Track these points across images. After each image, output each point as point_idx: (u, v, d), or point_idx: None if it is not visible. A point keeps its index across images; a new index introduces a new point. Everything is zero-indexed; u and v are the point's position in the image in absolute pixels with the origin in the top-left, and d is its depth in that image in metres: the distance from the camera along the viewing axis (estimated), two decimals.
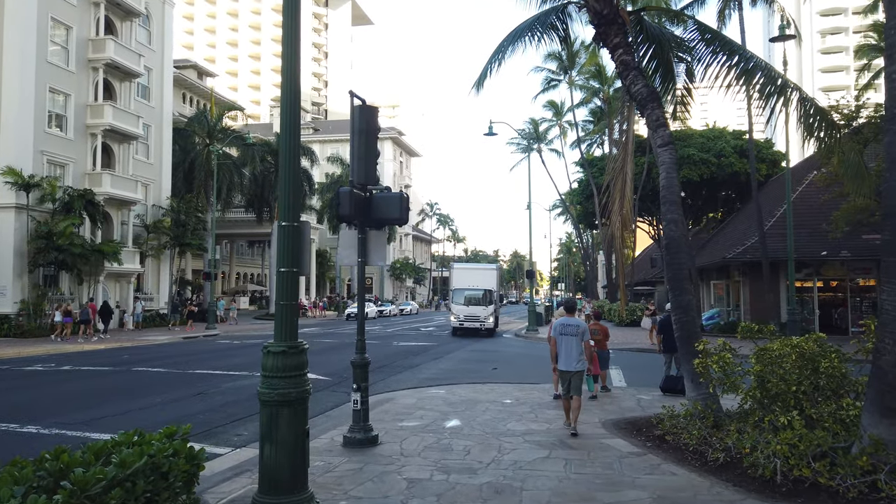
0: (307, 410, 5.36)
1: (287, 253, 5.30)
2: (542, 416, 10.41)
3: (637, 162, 45.50)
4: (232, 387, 13.81)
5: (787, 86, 9.20)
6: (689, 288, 9.30)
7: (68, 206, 31.91)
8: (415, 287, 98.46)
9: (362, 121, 8.41)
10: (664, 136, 9.54)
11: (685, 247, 9.43)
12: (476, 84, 14.31)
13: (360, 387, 8.29)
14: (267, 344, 5.34)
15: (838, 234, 25.12)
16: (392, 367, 17.81)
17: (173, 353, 21.89)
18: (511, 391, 13.15)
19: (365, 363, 8.39)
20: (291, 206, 5.37)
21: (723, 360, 7.78)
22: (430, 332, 34.71)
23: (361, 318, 8.61)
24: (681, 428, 8.22)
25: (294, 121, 5.43)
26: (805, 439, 6.48)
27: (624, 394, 12.86)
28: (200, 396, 12.63)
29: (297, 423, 5.19)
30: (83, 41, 34.62)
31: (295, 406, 5.20)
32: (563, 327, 9.32)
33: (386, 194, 8.45)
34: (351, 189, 8.04)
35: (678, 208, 9.44)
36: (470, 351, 23.12)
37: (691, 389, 8.95)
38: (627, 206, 12.87)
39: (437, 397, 12.20)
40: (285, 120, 5.41)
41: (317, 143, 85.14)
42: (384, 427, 9.44)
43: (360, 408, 8.29)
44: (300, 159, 5.62)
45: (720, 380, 7.85)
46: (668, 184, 9.45)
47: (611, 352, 14.26)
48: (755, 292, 29.67)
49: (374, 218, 8.40)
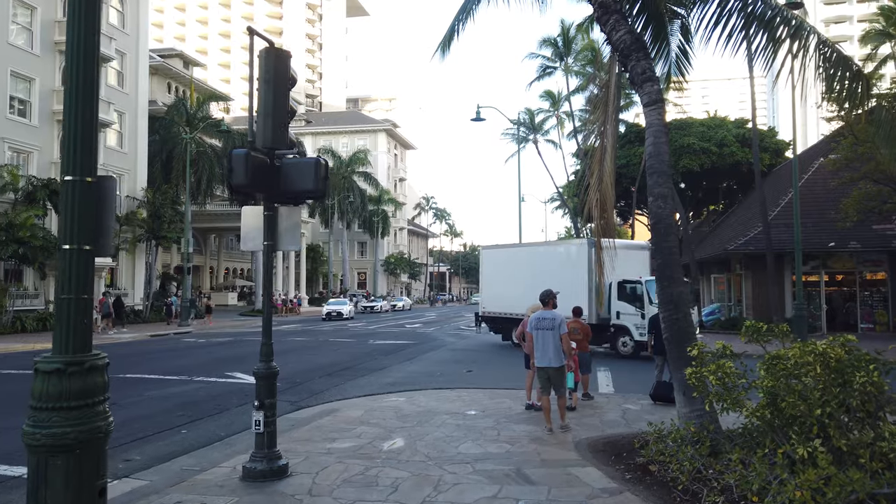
0: (102, 459, 3.62)
1: (73, 222, 3.55)
2: (506, 432, 8.67)
3: (636, 152, 43.75)
4: (157, 395, 12.07)
5: (804, 28, 7.42)
6: (680, 277, 7.54)
7: (31, 197, 30.18)
8: (410, 282, 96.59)
9: (269, 68, 6.65)
10: (651, 92, 7.77)
11: (676, 227, 7.63)
12: (441, 46, 12.54)
13: (262, 404, 6.54)
14: (38, 359, 3.59)
15: (848, 223, 23.34)
16: (355, 369, 16.07)
17: (122, 353, 20.14)
18: (480, 399, 11.42)
19: (270, 374, 6.65)
20: (80, 151, 3.61)
21: (722, 371, 6.03)
22: (415, 329, 32.95)
23: (268, 317, 6.86)
24: (669, 455, 6.48)
25: (87, 13, 3.65)
26: (834, 482, 4.75)
27: (608, 403, 11.11)
28: (111, 408, 10.85)
29: (80, 479, 3.47)
30: (49, 23, 32.79)
31: (78, 454, 3.46)
32: (538, 321, 8.79)
33: (296, 160, 6.70)
34: (248, 152, 6.29)
35: (668, 181, 7.69)
36: (450, 350, 21.37)
37: (683, 404, 7.21)
38: (608, 180, 11.37)
39: (390, 408, 10.46)
40: (73, 14, 3.64)
41: (309, 136, 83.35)
42: (307, 450, 7.71)
43: (262, 430, 6.54)
44: (97, 84, 3.79)
45: (719, 394, 6.10)
46: (655, 150, 7.69)
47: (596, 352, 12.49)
48: (758, 286, 27.90)
49: (283, 190, 6.65)
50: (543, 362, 8.74)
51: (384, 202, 74.73)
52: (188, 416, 10.12)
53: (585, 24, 34.99)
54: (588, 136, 56.55)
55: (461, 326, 35.33)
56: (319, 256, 73.80)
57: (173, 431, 9.15)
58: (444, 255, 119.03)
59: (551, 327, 8.74)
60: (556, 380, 8.76)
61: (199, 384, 13.12)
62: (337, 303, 47.88)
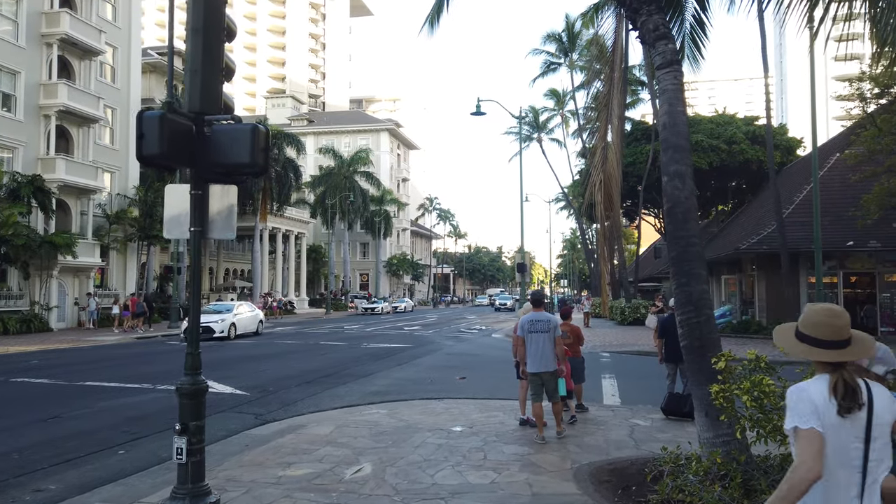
0: None
1: None
2: (494, 455, 7.39)
3: (642, 150, 42.37)
4: (109, 406, 10.82)
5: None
6: (701, 273, 6.24)
7: (15, 194, 29.08)
8: (413, 284, 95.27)
9: (199, 13, 5.42)
10: (666, 52, 6.50)
11: (696, 212, 6.35)
12: (428, 20, 11.35)
13: (186, 428, 5.28)
14: None
15: (868, 220, 21.97)
16: (339, 375, 14.78)
17: (94, 357, 18.98)
18: (469, 411, 10.15)
19: (196, 390, 5.39)
20: None
21: (760, 390, 4.75)
22: (412, 331, 31.66)
23: (195, 319, 5.61)
24: (691, 493, 5.20)
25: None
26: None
27: (614, 417, 9.81)
28: (52, 422, 9.62)
29: None
30: (35, 14, 31.70)
31: None
32: (531, 324, 8.12)
33: (228, 126, 5.44)
34: (163, 114, 5.04)
35: (686, 156, 6.40)
36: (445, 355, 20.08)
37: (705, 428, 5.91)
38: (614, 158, 10.30)
39: (366, 423, 9.19)
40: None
41: (311, 135, 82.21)
42: (253, 479, 6.45)
43: (185, 461, 5.27)
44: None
45: (755, 420, 4.82)
46: (671, 120, 6.41)
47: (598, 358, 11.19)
48: (772, 287, 26.53)
49: (211, 162, 5.39)
50: (538, 367, 8.04)
51: (386, 202, 73.53)
52: (133, 432, 8.88)
53: (590, 12, 33.84)
54: (593, 133, 55.41)
55: (461, 329, 34.06)
56: (321, 257, 72.62)
57: (111, 452, 7.92)
58: (447, 257, 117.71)
59: (546, 330, 8.07)
60: (549, 385, 8.14)
61: (161, 394, 11.88)
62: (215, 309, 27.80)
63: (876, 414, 2.51)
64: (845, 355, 2.58)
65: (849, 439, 2.49)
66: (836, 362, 2.57)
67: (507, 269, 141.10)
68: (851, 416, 2.48)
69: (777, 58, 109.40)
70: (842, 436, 2.48)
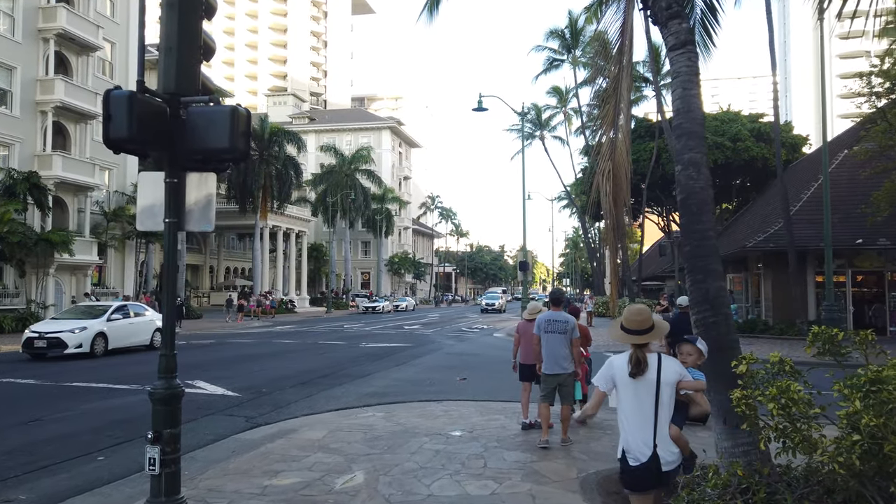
0: None
1: None
2: (494, 463, 6.96)
3: (646, 148, 41.89)
4: (94, 408, 10.40)
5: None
6: (718, 269, 5.79)
7: (11, 191, 28.67)
8: (415, 283, 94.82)
9: None
10: (679, 32, 6.05)
11: (712, 204, 5.89)
12: (427, 6, 10.93)
13: (159, 436, 4.86)
14: None
15: (879, 217, 21.49)
16: (335, 376, 14.34)
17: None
18: (469, 414, 9.72)
19: (171, 395, 4.98)
20: None
21: (787, 397, 4.30)
22: (413, 330, 31.21)
23: (170, 320, 5.19)
24: None
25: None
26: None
27: None
28: (32, 425, 9.20)
29: None
30: (32, 9, 31.28)
31: None
32: (547, 324, 7.88)
33: (205, 108, 5.00)
34: (132, 93, 4.61)
35: (700, 144, 5.95)
36: (446, 355, 19.64)
37: (724, 436, 5.47)
38: (622, 145, 10.03)
39: (360, 427, 8.76)
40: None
41: (312, 133, 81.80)
42: (237, 490, 6.02)
43: (158, 472, 4.85)
44: None
45: (782, 430, 4.37)
46: (684, 106, 5.96)
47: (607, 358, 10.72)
48: (779, 286, 26.06)
49: (187, 148, 4.96)
50: (554, 369, 7.80)
51: (388, 200, 73.08)
52: (117, 436, 8.45)
53: (595, 5, 33.30)
54: (596, 131, 54.92)
55: (462, 328, 33.62)
56: (322, 256, 72.18)
57: (89, 457, 7.49)
58: (449, 255, 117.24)
59: (563, 331, 7.81)
60: (566, 387, 7.87)
61: None
62: (79, 311, 20.35)
63: (662, 377, 3.94)
64: (645, 338, 4.07)
65: (644, 393, 3.93)
66: (637, 343, 4.04)
67: (510, 268, 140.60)
68: (641, 378, 3.94)
69: (781, 56, 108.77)
70: (639, 390, 3.95)
